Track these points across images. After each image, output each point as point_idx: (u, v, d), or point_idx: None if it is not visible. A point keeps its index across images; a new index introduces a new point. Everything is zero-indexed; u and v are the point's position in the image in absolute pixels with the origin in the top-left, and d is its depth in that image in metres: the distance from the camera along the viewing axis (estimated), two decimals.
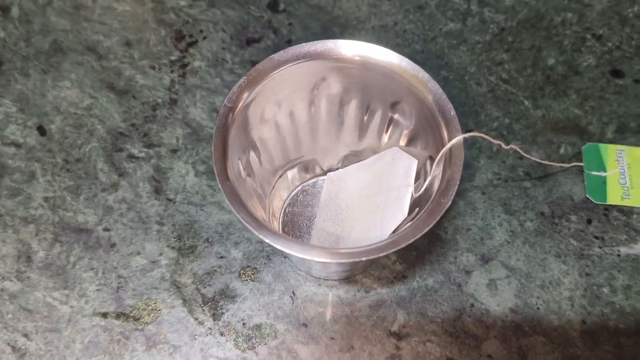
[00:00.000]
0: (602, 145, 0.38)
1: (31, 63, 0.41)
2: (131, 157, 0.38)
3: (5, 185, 0.37)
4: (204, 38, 0.42)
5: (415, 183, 0.29)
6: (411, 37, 0.42)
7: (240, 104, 0.27)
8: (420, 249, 0.36)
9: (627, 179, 0.37)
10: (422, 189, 0.27)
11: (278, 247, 0.24)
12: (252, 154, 0.30)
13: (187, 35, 0.42)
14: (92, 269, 0.35)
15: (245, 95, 0.28)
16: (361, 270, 0.35)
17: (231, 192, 0.25)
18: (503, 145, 0.29)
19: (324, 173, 0.37)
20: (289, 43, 0.42)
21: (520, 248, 0.36)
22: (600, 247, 0.36)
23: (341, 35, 0.42)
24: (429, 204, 0.25)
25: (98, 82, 0.40)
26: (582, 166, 0.38)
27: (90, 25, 0.42)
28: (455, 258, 0.35)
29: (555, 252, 0.36)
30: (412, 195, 0.28)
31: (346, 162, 0.36)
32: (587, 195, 0.37)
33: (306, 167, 0.36)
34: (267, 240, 0.24)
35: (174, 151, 0.38)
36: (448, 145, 0.26)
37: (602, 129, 0.39)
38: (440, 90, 0.27)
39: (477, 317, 0.34)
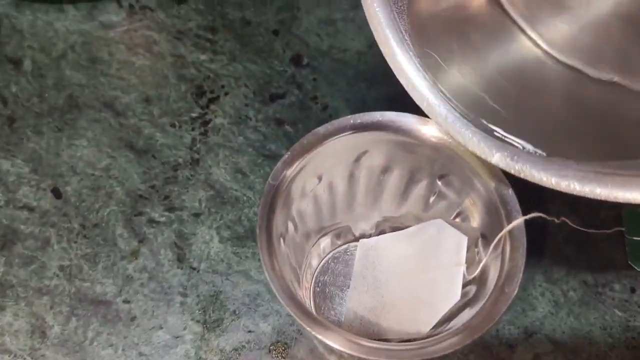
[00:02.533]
0: None
1: (45, 120, 0.39)
2: (152, 221, 0.36)
3: (18, 253, 0.35)
4: (226, 94, 0.40)
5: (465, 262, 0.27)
6: None
7: (284, 181, 0.26)
8: None
9: None
10: (477, 272, 0.26)
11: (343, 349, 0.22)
12: (290, 228, 0.29)
13: (208, 90, 0.40)
14: (111, 345, 0.33)
15: (289, 171, 0.26)
16: None
17: (281, 286, 0.23)
18: (556, 221, 0.28)
19: (356, 239, 0.35)
20: (314, 99, 0.40)
21: (564, 320, 0.34)
22: None
23: (368, 90, 0.41)
24: (491, 293, 0.24)
25: (116, 140, 0.38)
26: (623, 231, 0.36)
27: (107, 80, 0.40)
28: (497, 331, 0.34)
29: (601, 324, 0.34)
30: (464, 276, 0.27)
31: (380, 228, 0.34)
32: (629, 262, 0.36)
33: (338, 234, 0.34)
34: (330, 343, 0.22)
35: (197, 215, 0.36)
36: (507, 228, 0.25)
37: None
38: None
39: None
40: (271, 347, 0.33)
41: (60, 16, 0.42)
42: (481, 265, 0.26)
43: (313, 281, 0.34)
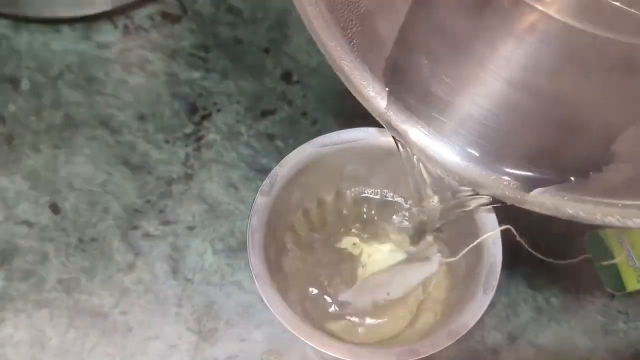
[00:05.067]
0: (601, 232, 0.36)
1: (42, 138, 0.40)
2: (147, 235, 0.37)
3: (18, 267, 0.36)
4: (218, 110, 0.42)
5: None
6: None
7: (272, 195, 0.27)
8: None
9: (635, 260, 0.36)
10: (459, 256, 0.27)
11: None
12: (280, 239, 0.30)
13: (200, 107, 0.42)
14: (108, 355, 0.34)
15: (277, 185, 0.27)
16: None
17: (272, 297, 0.24)
18: (526, 247, 0.29)
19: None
20: (304, 115, 0.42)
21: (547, 325, 0.35)
22: (624, 322, 0.36)
23: (356, 106, 0.42)
24: (470, 299, 0.25)
25: (112, 157, 0.40)
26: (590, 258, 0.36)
27: (103, 98, 0.42)
28: (482, 337, 0.35)
29: (582, 328, 0.35)
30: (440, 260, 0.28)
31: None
32: (606, 289, 0.36)
33: (326, 245, 0.36)
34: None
35: (191, 228, 0.37)
36: (481, 238, 0.26)
37: None
38: None
39: None
40: (264, 356, 0.34)
41: (56, 37, 0.43)
42: (462, 253, 0.27)
43: (305, 291, 0.35)
